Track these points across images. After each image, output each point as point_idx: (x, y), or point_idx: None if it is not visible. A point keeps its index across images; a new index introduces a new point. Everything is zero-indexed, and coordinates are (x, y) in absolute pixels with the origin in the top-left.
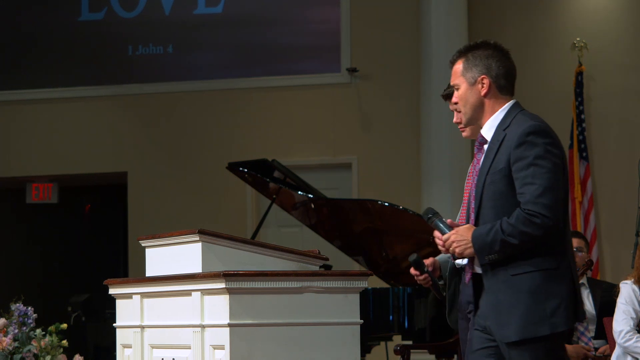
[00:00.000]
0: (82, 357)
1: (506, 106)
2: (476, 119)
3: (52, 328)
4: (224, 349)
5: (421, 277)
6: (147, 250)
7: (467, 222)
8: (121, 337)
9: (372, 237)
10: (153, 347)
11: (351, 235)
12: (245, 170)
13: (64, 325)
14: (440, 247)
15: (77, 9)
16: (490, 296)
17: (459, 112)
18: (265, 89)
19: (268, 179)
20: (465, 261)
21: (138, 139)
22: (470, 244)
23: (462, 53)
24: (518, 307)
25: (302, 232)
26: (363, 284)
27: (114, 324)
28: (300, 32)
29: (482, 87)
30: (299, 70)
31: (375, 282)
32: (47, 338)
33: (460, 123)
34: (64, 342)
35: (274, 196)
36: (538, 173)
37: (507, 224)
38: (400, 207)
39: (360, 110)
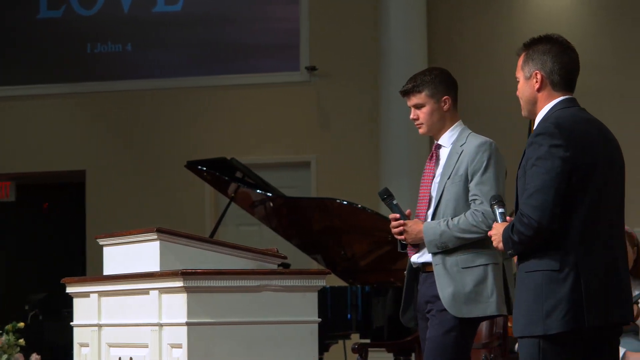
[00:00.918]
0: (39, 356)
1: (554, 102)
2: (533, 113)
3: (9, 327)
4: (181, 348)
5: (395, 224)
6: (104, 248)
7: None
8: (78, 335)
9: (330, 236)
10: (110, 345)
11: (310, 234)
12: (204, 168)
13: (21, 324)
14: (393, 228)
15: (35, 6)
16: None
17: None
18: (224, 87)
19: (227, 178)
20: (421, 259)
21: (96, 137)
22: (501, 237)
23: (525, 46)
24: (522, 304)
25: (261, 230)
26: (321, 282)
27: (72, 323)
28: (260, 30)
29: (536, 82)
30: (258, 69)
31: (333, 281)
32: (4, 337)
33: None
34: (21, 340)
35: (233, 195)
36: (535, 174)
37: (513, 223)
38: (359, 206)
39: (319, 109)
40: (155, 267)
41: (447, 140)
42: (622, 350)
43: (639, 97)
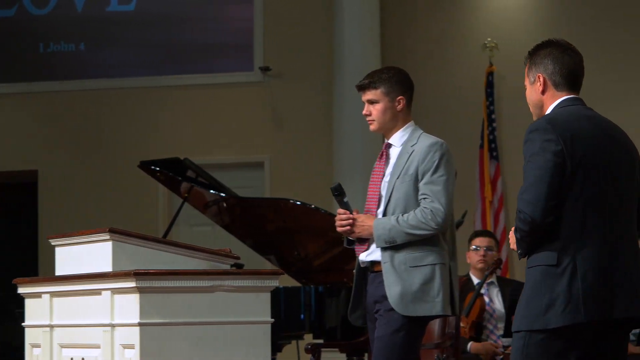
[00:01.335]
0: None
1: (557, 101)
2: (540, 116)
3: None
4: (134, 348)
5: (344, 217)
6: (57, 249)
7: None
8: (30, 336)
9: (284, 236)
10: (62, 346)
11: (263, 234)
12: (157, 168)
13: None
14: (339, 222)
15: None
16: None
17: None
18: (178, 87)
19: (180, 178)
20: (369, 258)
21: (49, 137)
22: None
23: (529, 54)
24: (522, 300)
25: (214, 231)
26: (274, 282)
27: (23, 324)
28: (213, 30)
29: (540, 85)
30: (212, 69)
31: (286, 281)
32: None
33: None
34: None
35: (186, 195)
36: (529, 170)
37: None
38: (312, 206)
39: (272, 109)
40: (107, 267)
41: (397, 139)
42: None
43: (591, 97)
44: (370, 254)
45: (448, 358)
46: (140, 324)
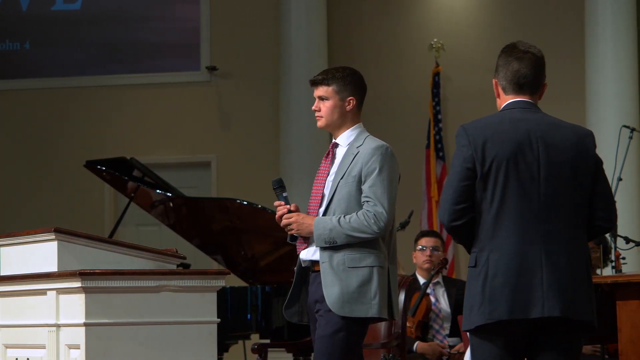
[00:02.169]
0: None
1: (503, 105)
2: None
3: None
4: (79, 349)
5: (283, 208)
6: (1, 249)
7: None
8: None
9: (230, 236)
10: (7, 346)
11: (210, 234)
12: (103, 168)
13: None
14: (282, 217)
15: None
16: None
17: None
18: (125, 86)
19: (126, 178)
20: (310, 257)
21: None
22: None
23: None
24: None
25: (161, 230)
26: (220, 282)
27: None
28: (160, 29)
29: (495, 90)
30: (159, 68)
31: (233, 281)
32: None
33: None
34: None
35: (133, 195)
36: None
37: None
38: (259, 206)
39: (219, 109)
40: (53, 267)
41: (344, 140)
42: None
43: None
44: (311, 253)
45: (394, 358)
46: (85, 324)
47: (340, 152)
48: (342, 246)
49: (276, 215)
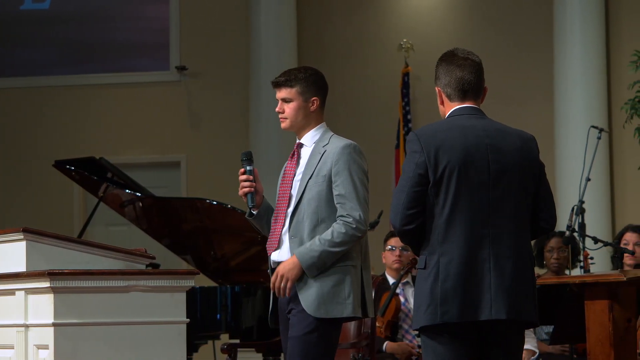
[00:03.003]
0: None
1: (449, 112)
2: None
3: None
4: (48, 349)
5: (245, 180)
6: None
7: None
8: None
9: (200, 236)
10: None
11: (180, 234)
12: (73, 168)
13: None
14: (242, 183)
15: None
16: None
17: None
18: (94, 86)
19: (96, 177)
20: (280, 258)
21: None
22: None
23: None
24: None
25: (130, 230)
26: (190, 282)
27: None
28: (130, 29)
29: (439, 98)
30: (128, 68)
31: (203, 281)
32: None
33: None
34: None
35: (102, 195)
36: (400, 179)
37: None
38: (229, 206)
39: (189, 109)
40: (21, 267)
41: (309, 139)
42: None
43: (509, 98)
44: (283, 255)
45: (364, 357)
46: (54, 324)
47: (305, 152)
48: None
49: (241, 180)
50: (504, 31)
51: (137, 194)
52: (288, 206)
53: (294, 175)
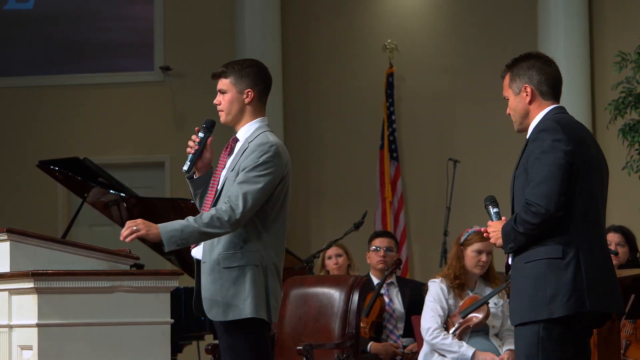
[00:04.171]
0: None
1: (546, 110)
2: (526, 125)
3: None
4: (32, 349)
5: (192, 142)
6: None
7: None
8: None
9: None
10: None
11: None
12: (56, 168)
13: None
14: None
15: None
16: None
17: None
18: (78, 86)
19: (80, 178)
20: (197, 255)
21: None
22: (499, 234)
23: (508, 67)
24: (522, 293)
25: (114, 231)
26: (174, 283)
27: None
28: (114, 29)
29: (526, 95)
30: (113, 68)
31: (187, 281)
32: None
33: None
34: None
35: (86, 195)
36: (540, 165)
37: (517, 215)
38: None
39: (173, 109)
40: (5, 267)
41: (243, 134)
42: (470, 350)
43: (490, 99)
44: (197, 251)
45: (348, 358)
46: (38, 325)
47: (237, 147)
48: (219, 242)
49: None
50: (487, 32)
51: (121, 194)
52: (213, 201)
53: (224, 168)
